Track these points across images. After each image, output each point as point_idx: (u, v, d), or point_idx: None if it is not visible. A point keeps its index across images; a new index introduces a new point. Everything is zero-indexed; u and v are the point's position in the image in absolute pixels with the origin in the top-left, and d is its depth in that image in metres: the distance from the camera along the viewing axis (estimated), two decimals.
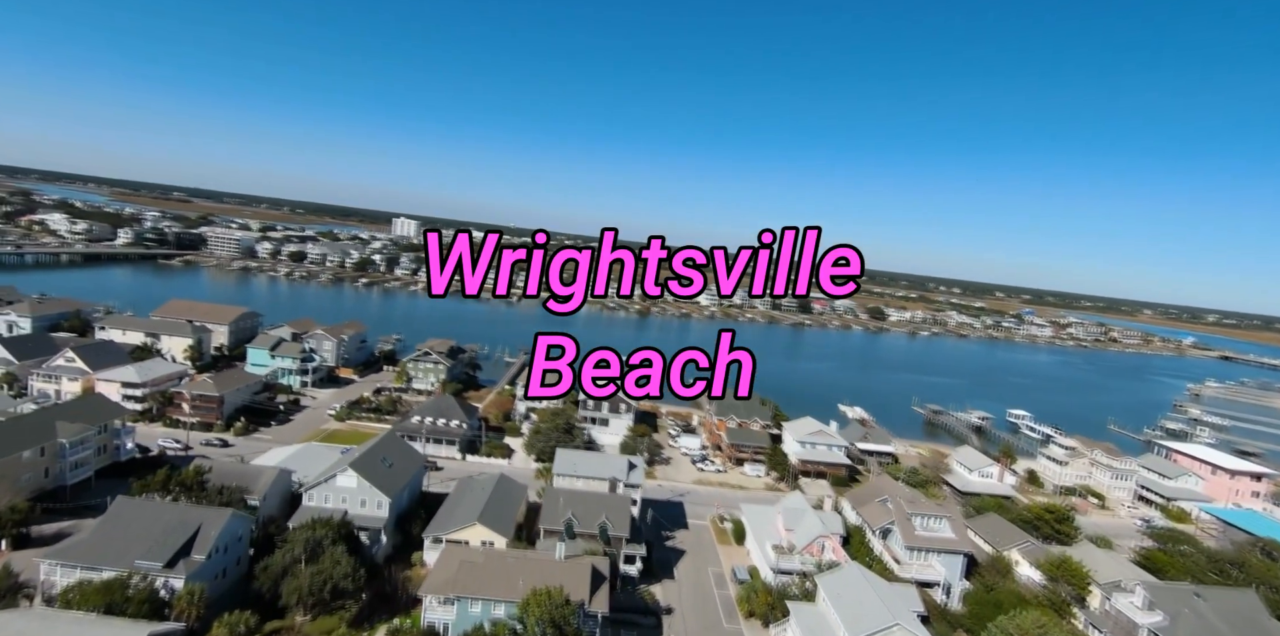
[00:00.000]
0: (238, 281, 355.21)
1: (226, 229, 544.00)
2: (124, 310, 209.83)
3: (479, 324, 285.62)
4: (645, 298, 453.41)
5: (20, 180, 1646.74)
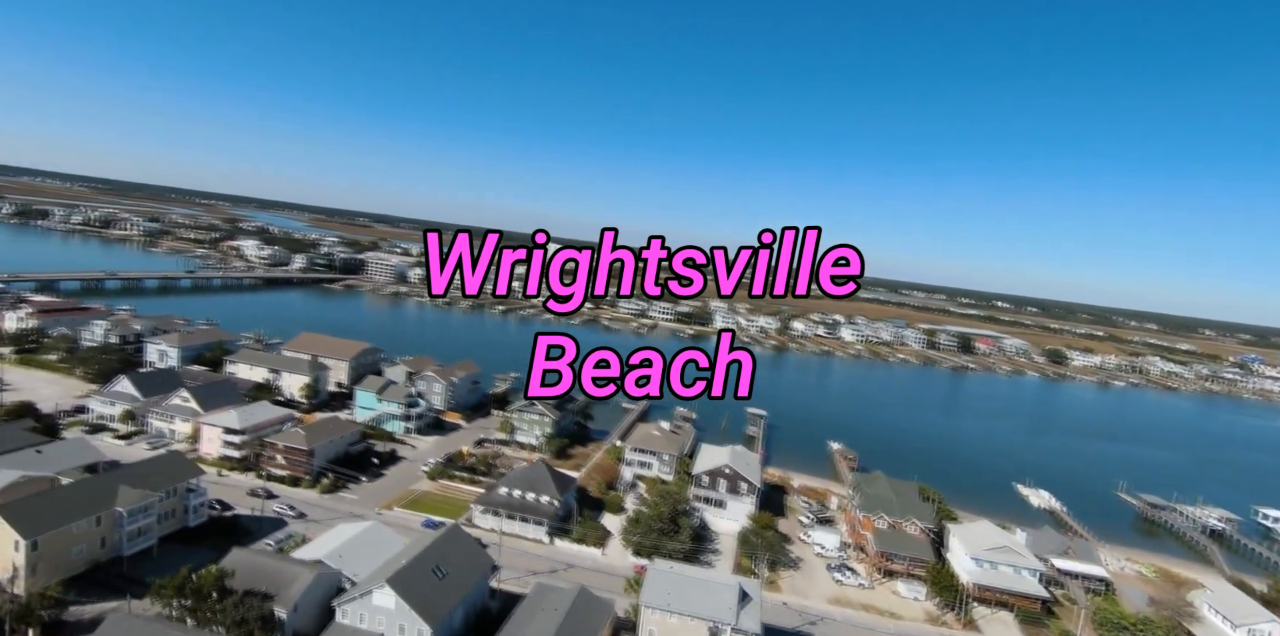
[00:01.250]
0: (388, 306, 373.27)
1: (388, 253, 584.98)
2: (272, 338, 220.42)
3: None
4: (782, 331, 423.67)
5: (241, 207, 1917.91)
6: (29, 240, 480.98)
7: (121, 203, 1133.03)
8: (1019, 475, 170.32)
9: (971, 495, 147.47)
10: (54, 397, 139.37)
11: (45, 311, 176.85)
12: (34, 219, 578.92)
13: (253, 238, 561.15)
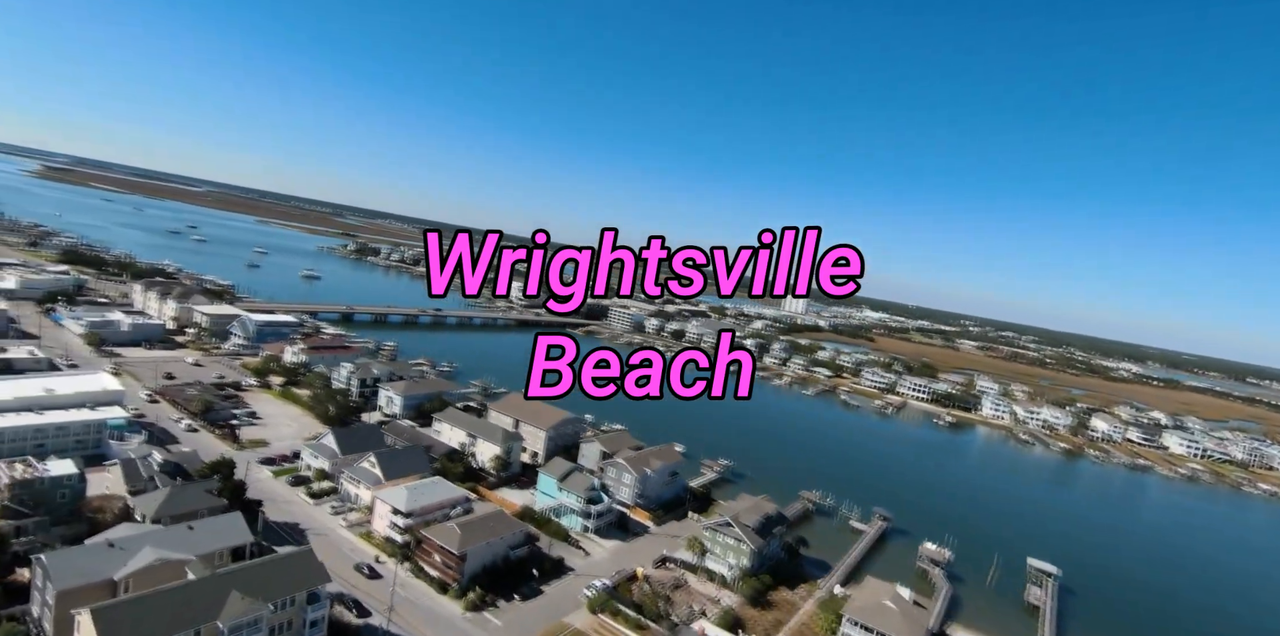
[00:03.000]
0: (623, 353, 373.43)
1: (633, 302, 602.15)
2: (499, 386, 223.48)
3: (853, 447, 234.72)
4: (1076, 430, 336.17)
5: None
6: (355, 274, 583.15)
7: None
8: None
9: None
10: (290, 436, 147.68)
11: (315, 348, 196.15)
12: (367, 255, 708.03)
13: (520, 279, 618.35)
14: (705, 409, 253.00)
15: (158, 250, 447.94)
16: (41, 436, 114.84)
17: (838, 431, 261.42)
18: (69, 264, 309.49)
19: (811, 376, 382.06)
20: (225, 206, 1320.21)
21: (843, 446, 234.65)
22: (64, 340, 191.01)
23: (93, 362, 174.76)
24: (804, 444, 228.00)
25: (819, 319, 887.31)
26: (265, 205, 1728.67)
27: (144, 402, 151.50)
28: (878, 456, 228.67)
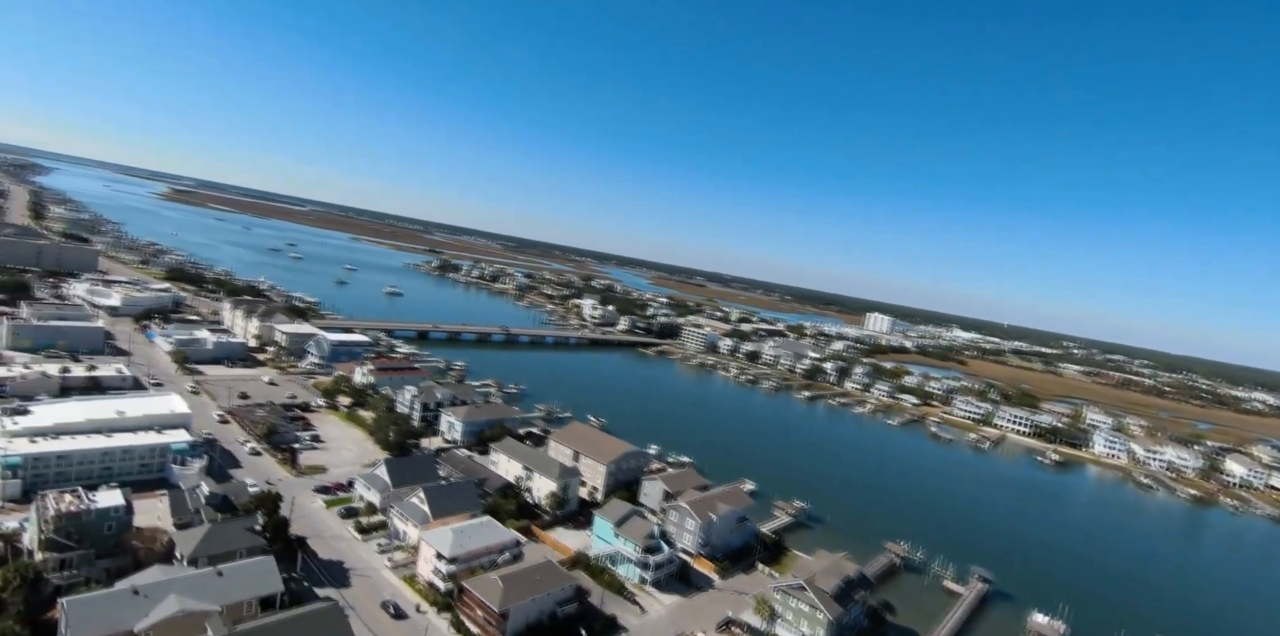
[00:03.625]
0: (693, 377, 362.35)
1: (707, 319, 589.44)
2: (564, 409, 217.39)
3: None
4: (1207, 473, 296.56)
5: (604, 264, 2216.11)
6: (437, 291, 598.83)
7: (516, 259, 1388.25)
8: None
9: None
10: (349, 462, 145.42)
11: (382, 369, 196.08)
12: (449, 272, 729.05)
13: (594, 296, 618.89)
14: (779, 442, 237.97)
15: (256, 267, 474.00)
16: (109, 459, 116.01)
17: (927, 469, 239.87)
18: (172, 281, 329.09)
19: (897, 404, 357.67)
20: (325, 224, 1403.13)
21: (933, 487, 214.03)
22: (154, 357, 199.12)
23: (176, 381, 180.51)
24: (889, 483, 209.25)
25: (905, 339, 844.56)
26: (360, 223, 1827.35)
27: (215, 423, 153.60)
28: (974, 501, 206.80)
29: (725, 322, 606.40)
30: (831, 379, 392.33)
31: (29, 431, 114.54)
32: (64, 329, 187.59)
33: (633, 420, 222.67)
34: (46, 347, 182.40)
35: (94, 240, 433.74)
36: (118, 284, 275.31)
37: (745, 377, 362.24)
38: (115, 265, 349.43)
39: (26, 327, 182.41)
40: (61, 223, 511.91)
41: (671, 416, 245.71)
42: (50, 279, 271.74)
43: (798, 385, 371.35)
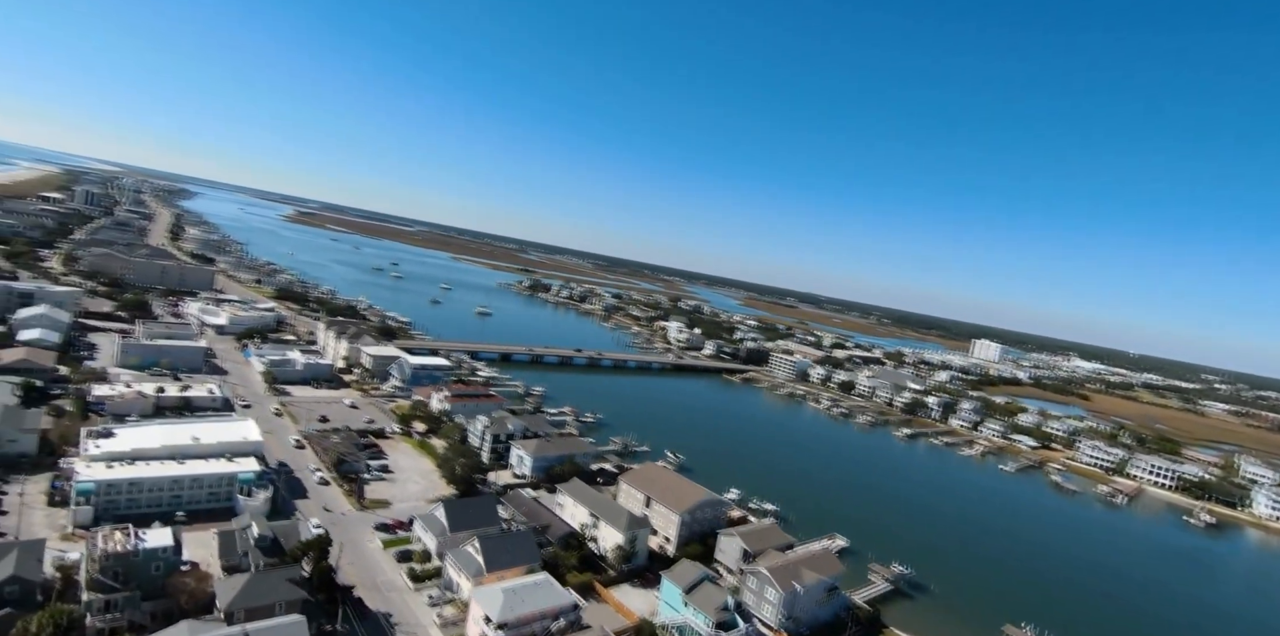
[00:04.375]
0: (782, 407, 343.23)
1: (798, 344, 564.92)
2: (642, 443, 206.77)
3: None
4: None
5: (693, 283, 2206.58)
6: (526, 310, 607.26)
7: (606, 278, 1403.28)
8: None
9: None
10: (414, 497, 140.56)
11: (458, 396, 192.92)
12: (539, 291, 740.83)
13: (681, 318, 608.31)
14: (875, 488, 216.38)
15: (359, 286, 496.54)
16: (178, 487, 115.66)
17: (1051, 527, 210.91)
18: (280, 300, 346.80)
19: (1011, 446, 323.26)
20: (428, 244, 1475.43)
21: (1060, 552, 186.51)
22: (248, 377, 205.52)
23: (263, 401, 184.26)
24: (1005, 544, 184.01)
25: (1016, 369, 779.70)
26: (461, 242, 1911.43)
27: (291, 448, 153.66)
28: (1110, 571, 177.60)
29: (817, 348, 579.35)
30: (935, 414, 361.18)
31: (107, 456, 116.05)
32: (168, 348, 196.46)
33: (713, 457, 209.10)
34: (151, 365, 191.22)
35: (218, 260, 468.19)
36: (228, 303, 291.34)
37: (838, 410, 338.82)
38: (231, 284, 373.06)
39: (135, 346, 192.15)
40: (193, 243, 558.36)
41: (755, 454, 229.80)
42: (170, 297, 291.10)
43: (897, 420, 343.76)
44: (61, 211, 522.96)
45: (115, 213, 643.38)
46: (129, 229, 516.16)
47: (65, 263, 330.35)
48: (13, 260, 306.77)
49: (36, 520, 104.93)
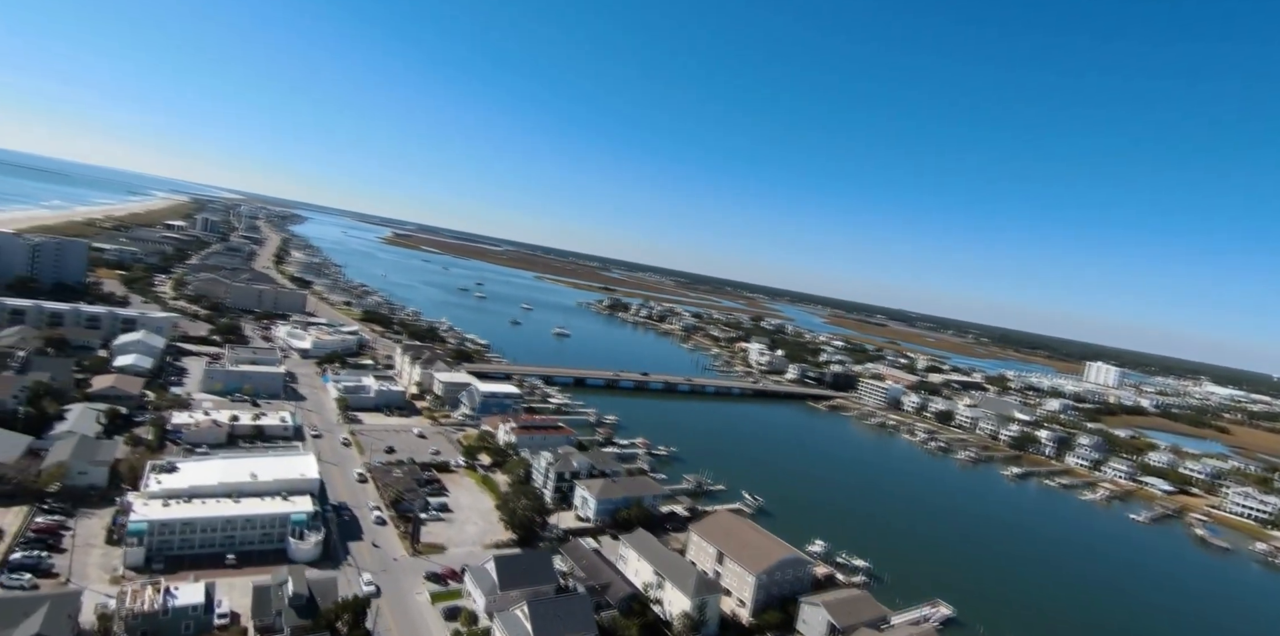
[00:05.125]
0: (872, 438, 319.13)
1: (889, 367, 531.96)
2: (717, 481, 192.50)
3: None
4: None
5: (776, 300, 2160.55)
6: (605, 331, 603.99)
7: (687, 296, 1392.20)
8: None
9: None
10: (471, 541, 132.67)
11: (525, 427, 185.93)
12: (618, 311, 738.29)
13: (763, 338, 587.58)
14: (982, 540, 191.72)
15: (443, 307, 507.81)
16: (231, 527, 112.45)
17: (1202, 595, 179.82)
18: (366, 322, 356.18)
19: (1141, 490, 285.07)
20: (514, 263, 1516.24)
21: (1216, 626, 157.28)
22: (324, 403, 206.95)
23: (334, 430, 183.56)
24: (1143, 613, 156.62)
25: (1139, 396, 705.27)
26: (546, 261, 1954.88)
27: (354, 481, 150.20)
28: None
29: (910, 372, 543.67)
30: (1048, 450, 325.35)
31: (165, 492, 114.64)
32: (250, 374, 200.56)
33: (795, 499, 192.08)
34: (234, 391, 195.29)
35: (315, 283, 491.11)
36: (315, 326, 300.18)
37: (936, 444, 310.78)
38: (323, 307, 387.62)
39: (219, 372, 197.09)
40: (295, 266, 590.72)
41: (843, 496, 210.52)
42: (263, 321, 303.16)
43: (1003, 457, 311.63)
44: (181, 238, 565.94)
45: (229, 239, 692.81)
46: (239, 254, 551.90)
47: (175, 287, 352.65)
48: (130, 285, 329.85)
49: (92, 560, 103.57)
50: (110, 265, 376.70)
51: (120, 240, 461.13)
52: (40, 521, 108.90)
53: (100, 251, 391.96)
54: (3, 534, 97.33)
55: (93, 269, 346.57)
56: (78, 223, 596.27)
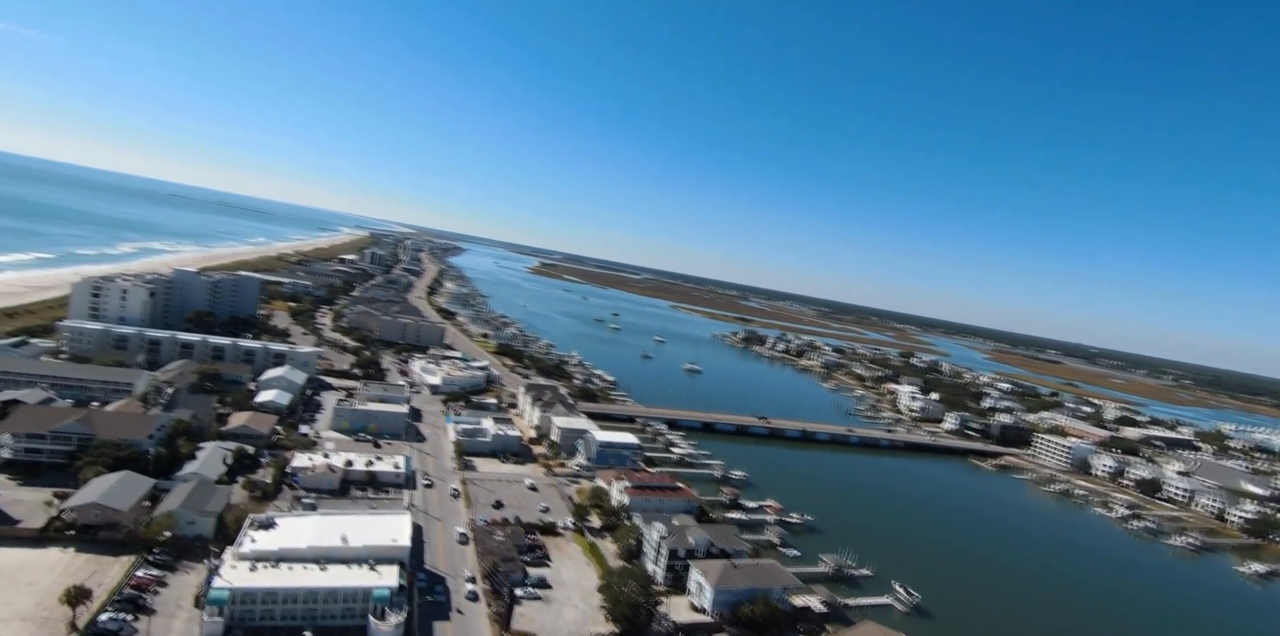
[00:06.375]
0: (1053, 508, 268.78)
1: (1070, 419, 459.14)
2: (860, 565, 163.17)
3: None
4: None
5: (928, 332, 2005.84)
6: (740, 366, 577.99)
7: (828, 326, 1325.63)
8: None
9: None
10: (568, 630, 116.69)
11: (639, 487, 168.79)
12: (754, 344, 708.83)
13: (914, 377, 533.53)
14: None
15: (576, 339, 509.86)
16: (313, 599, 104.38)
17: None
18: (499, 355, 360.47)
19: None
20: (651, 292, 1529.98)
21: None
22: (443, 446, 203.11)
23: (446, 478, 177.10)
24: None
25: None
26: (683, 290, 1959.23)
27: (455, 543, 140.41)
28: None
29: (1097, 424, 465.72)
30: None
31: (256, 554, 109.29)
32: (375, 413, 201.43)
33: (965, 596, 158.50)
34: (360, 430, 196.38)
35: (459, 314, 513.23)
36: (448, 360, 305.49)
37: (1141, 524, 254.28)
38: (460, 339, 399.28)
39: (346, 411, 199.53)
40: (445, 298, 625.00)
41: (1026, 594, 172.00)
42: (402, 354, 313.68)
43: (1235, 545, 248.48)
44: (349, 271, 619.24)
45: (392, 271, 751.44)
46: (396, 286, 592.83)
47: (334, 319, 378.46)
48: (295, 317, 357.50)
49: (176, 626, 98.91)
50: (284, 298, 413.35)
51: (298, 274, 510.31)
52: (140, 575, 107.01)
53: (278, 285, 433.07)
54: (90, 596, 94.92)
55: (268, 301, 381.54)
56: (270, 257, 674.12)
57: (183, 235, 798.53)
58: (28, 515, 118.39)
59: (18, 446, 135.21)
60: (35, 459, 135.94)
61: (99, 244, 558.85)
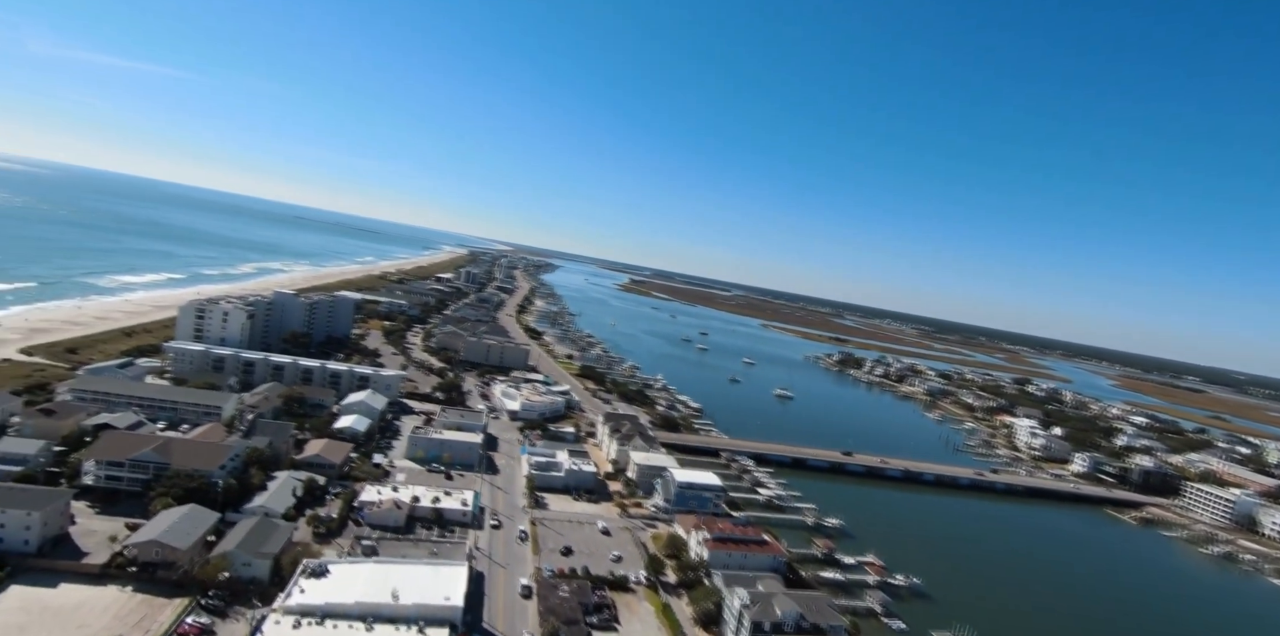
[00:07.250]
0: (1215, 579, 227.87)
1: (1226, 462, 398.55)
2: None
3: None
4: None
5: (1045, 355, 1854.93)
6: (835, 391, 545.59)
7: (931, 347, 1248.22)
8: None
9: None
10: None
11: (720, 539, 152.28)
12: (849, 367, 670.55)
13: (1033, 408, 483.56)
14: None
15: (662, 361, 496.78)
16: None
17: None
18: (581, 377, 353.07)
19: None
20: (741, 310, 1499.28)
21: None
22: (515, 479, 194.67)
23: (516, 517, 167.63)
24: None
25: None
26: (774, 307, 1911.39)
27: (517, 596, 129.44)
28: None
29: (1259, 471, 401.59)
30: None
31: (301, 609, 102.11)
32: (449, 442, 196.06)
33: None
34: (434, 459, 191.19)
35: (547, 333, 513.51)
36: (529, 383, 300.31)
37: None
38: (545, 360, 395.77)
39: (421, 440, 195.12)
40: (534, 316, 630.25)
41: None
42: (485, 376, 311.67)
43: None
44: (444, 289, 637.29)
45: (485, 289, 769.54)
46: (487, 304, 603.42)
47: (424, 339, 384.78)
48: (387, 337, 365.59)
49: None
50: (380, 317, 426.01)
51: (396, 293, 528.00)
52: (188, 623, 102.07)
53: (375, 304, 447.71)
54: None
55: (365, 321, 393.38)
56: (374, 275, 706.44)
57: (300, 255, 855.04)
58: (96, 548, 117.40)
59: (99, 473, 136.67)
60: (115, 486, 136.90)
61: (224, 264, 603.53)
